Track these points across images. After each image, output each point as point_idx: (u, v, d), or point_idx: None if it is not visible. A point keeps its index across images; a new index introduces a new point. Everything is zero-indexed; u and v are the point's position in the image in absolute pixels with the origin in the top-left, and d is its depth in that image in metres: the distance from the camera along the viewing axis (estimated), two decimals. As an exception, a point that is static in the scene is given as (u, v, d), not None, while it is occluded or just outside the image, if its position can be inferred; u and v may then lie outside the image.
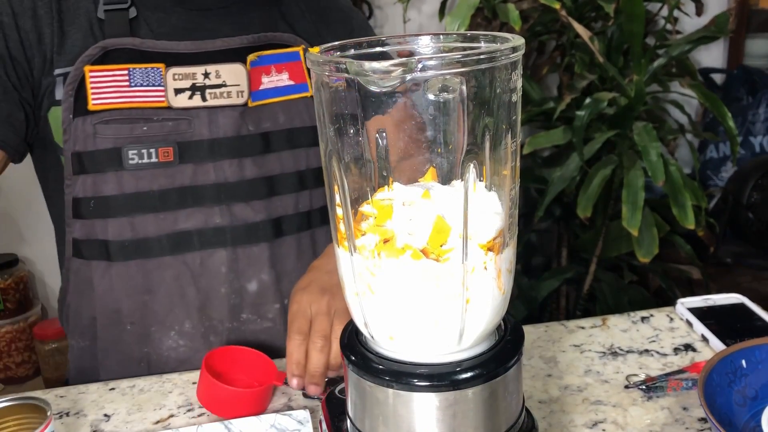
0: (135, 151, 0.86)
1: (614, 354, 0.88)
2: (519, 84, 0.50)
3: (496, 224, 0.52)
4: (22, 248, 2.33)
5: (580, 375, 0.84)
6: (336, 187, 0.53)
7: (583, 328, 0.94)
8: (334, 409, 0.63)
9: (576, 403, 0.78)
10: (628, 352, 0.88)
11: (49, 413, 0.67)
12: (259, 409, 0.78)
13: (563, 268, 1.93)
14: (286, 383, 0.81)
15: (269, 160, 0.92)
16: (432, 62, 0.46)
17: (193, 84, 0.88)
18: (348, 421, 0.57)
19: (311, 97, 0.94)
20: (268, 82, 0.91)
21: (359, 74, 0.45)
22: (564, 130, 1.70)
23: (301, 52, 0.94)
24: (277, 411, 0.78)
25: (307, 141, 0.94)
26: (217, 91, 0.88)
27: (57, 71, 0.87)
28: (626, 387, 0.80)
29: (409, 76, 0.45)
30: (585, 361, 0.87)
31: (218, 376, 0.79)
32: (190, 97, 0.88)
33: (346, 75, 0.46)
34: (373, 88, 0.45)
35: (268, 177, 0.92)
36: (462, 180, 0.51)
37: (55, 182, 0.92)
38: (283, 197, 0.93)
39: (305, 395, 0.81)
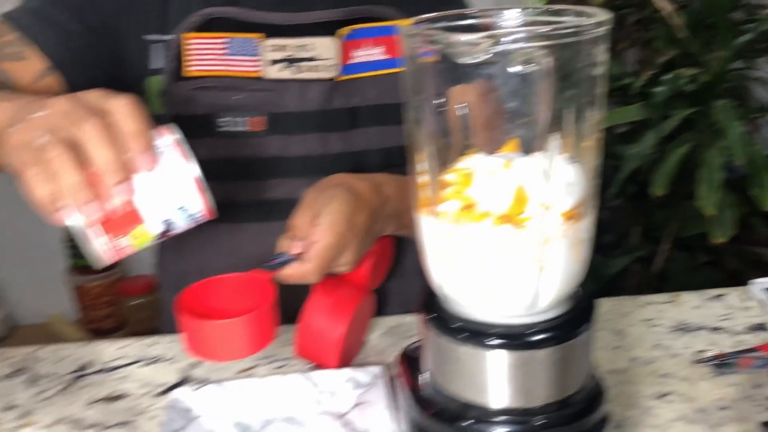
0: (227, 119, 0.88)
1: (684, 330, 0.88)
2: (605, 58, 0.52)
3: (577, 194, 0.54)
4: (109, 208, 2.46)
5: (649, 348, 0.85)
6: (420, 155, 0.56)
7: (653, 303, 0.95)
8: (409, 364, 0.66)
9: (644, 375, 0.80)
10: (698, 328, 0.88)
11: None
12: (264, 337, 0.68)
13: (634, 247, 1.91)
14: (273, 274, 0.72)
15: (355, 136, 0.93)
16: (519, 35, 0.48)
17: (287, 56, 0.89)
18: (424, 375, 0.61)
19: None
20: (360, 56, 0.92)
21: (449, 46, 0.47)
22: (641, 106, 1.67)
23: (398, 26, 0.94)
24: (352, 366, 0.82)
25: (396, 118, 0.92)
26: (309, 64, 0.89)
27: (151, 37, 0.89)
28: (696, 362, 0.81)
29: (496, 49, 0.47)
30: (654, 335, 0.87)
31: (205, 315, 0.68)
32: (283, 69, 0.89)
33: (435, 47, 0.48)
34: (462, 60, 0.48)
35: (354, 152, 0.93)
36: (543, 152, 0.53)
37: None
38: None
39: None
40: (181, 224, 0.64)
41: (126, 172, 0.57)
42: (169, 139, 0.62)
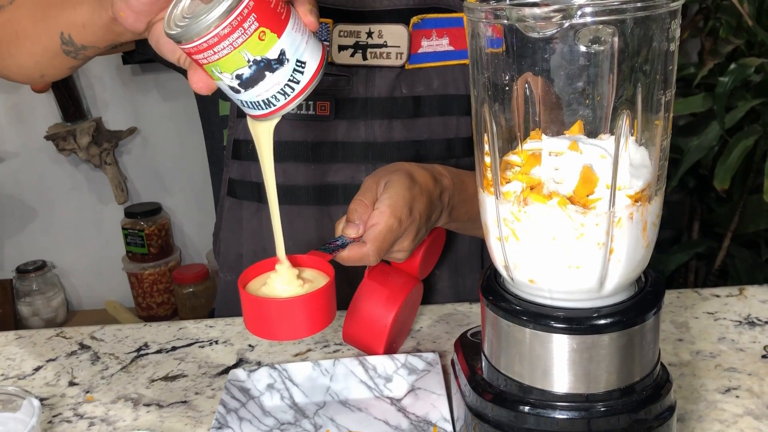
0: None
1: (751, 324, 0.85)
2: (677, 33, 0.50)
3: (645, 176, 0.52)
4: (165, 198, 2.51)
5: (714, 342, 0.82)
6: (486, 135, 0.55)
7: (718, 296, 0.92)
8: (467, 349, 0.65)
9: (708, 369, 0.77)
10: (766, 322, 0.85)
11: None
12: (323, 318, 0.66)
13: (694, 242, 1.86)
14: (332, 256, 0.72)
15: (418, 125, 0.93)
16: (590, 9, 0.46)
17: (357, 42, 0.90)
18: (483, 359, 0.60)
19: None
20: (427, 45, 0.92)
21: (519, 20, 0.46)
22: (704, 97, 1.62)
23: (465, 18, 0.93)
24: (407, 353, 0.82)
25: (459, 109, 0.94)
26: (378, 51, 0.90)
27: None
28: (764, 357, 0.78)
29: (567, 23, 0.46)
30: (719, 328, 0.85)
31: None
32: (352, 55, 0.90)
33: (505, 22, 0.48)
34: (532, 35, 0.47)
35: (416, 141, 0.93)
36: (610, 133, 0.52)
37: (217, 125, 0.99)
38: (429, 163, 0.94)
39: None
40: (280, 75, 0.60)
41: None
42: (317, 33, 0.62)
